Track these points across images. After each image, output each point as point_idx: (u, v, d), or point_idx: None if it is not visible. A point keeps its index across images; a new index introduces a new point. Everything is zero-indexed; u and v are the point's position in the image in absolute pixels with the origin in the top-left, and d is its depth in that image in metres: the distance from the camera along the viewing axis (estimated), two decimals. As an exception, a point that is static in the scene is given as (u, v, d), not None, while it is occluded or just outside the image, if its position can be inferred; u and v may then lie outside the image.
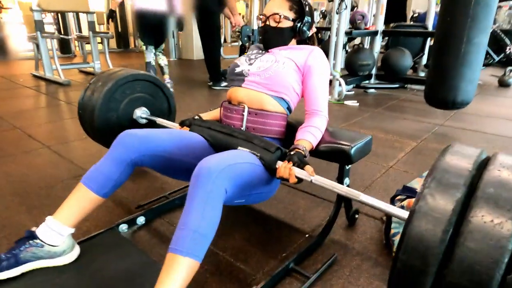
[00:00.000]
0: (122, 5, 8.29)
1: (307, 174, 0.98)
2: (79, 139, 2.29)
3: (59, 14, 6.89)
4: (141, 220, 1.34)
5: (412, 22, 6.29)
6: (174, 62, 6.43)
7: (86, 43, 5.61)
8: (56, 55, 4.30)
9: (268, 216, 1.44)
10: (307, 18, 1.24)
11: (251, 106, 1.19)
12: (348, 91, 3.78)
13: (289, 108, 1.25)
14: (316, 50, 1.24)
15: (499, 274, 0.50)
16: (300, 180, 0.99)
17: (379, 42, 3.98)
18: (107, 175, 1.03)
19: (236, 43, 4.80)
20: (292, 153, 1.03)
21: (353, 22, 4.27)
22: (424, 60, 4.59)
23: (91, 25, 4.56)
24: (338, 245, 1.25)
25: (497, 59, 5.34)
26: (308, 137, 1.12)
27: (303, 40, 1.30)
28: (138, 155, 1.04)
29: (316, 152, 1.17)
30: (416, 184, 1.39)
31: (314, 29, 1.30)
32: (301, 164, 1.00)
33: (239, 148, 1.07)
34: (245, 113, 1.18)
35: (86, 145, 2.20)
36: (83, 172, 0.95)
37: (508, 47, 5.52)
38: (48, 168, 1.84)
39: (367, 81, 3.96)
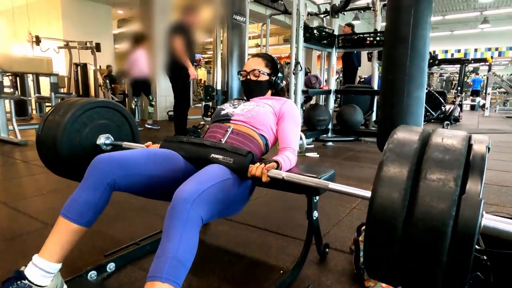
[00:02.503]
0: (84, 69, 8.44)
1: (278, 172, 1.04)
2: (38, 195, 2.20)
3: (17, 77, 6.83)
4: (111, 266, 1.29)
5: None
6: (137, 123, 6.44)
7: (47, 105, 5.56)
8: (14, 115, 4.19)
9: (243, 256, 1.45)
10: (280, 74, 1.47)
11: (236, 129, 1.31)
12: (308, 144, 4.01)
13: (267, 145, 1.37)
14: (289, 100, 1.46)
15: (451, 220, 0.62)
16: (272, 179, 1.04)
17: (332, 100, 4.37)
18: (85, 204, 1.02)
19: (199, 105, 5.24)
20: (264, 159, 1.13)
21: (307, 84, 4.69)
22: (374, 116, 5.05)
23: (54, 86, 4.57)
24: (312, 278, 1.28)
25: (435, 115, 6.00)
26: (278, 158, 1.20)
27: (276, 91, 1.51)
28: (113, 177, 1.03)
29: (286, 184, 1.24)
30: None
31: (285, 82, 1.53)
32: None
33: (212, 155, 1.12)
34: (229, 130, 1.29)
35: (46, 200, 2.11)
36: (43, 225, 0.91)
37: (443, 105, 6.26)
38: (6, 223, 1.73)
39: (325, 135, 4.24)
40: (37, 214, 1.86)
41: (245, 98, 1.53)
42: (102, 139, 1.51)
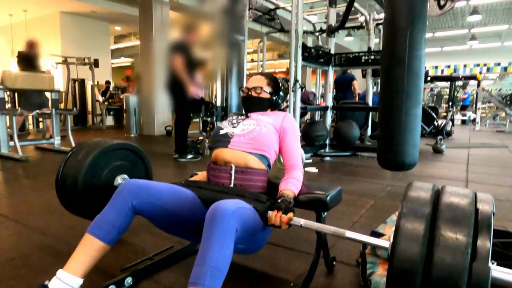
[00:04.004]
0: (82, 85, 8.50)
1: (297, 219, 1.11)
2: (47, 212, 2.23)
3: (15, 93, 6.85)
4: (128, 281, 1.34)
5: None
6: (135, 138, 6.51)
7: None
8: (16, 131, 4.22)
9: (252, 269, 1.51)
10: (281, 93, 1.53)
11: (237, 165, 1.34)
12: (307, 159, 4.09)
13: (269, 165, 1.43)
14: (289, 114, 1.51)
15: (466, 268, 0.70)
16: (290, 225, 1.12)
17: (330, 116, 4.49)
18: (111, 222, 1.10)
19: (196, 120, 5.25)
20: (279, 201, 1.19)
21: (305, 100, 4.81)
22: (369, 131, 5.17)
23: (55, 103, 4.63)
24: (322, 290, 1.34)
25: (428, 130, 6.14)
26: (291, 187, 1.29)
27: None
28: (138, 201, 1.12)
29: (296, 202, 1.32)
30: (382, 229, 1.57)
31: (286, 104, 1.58)
32: (287, 211, 1.15)
33: None
34: (233, 172, 1.33)
35: (55, 216, 2.15)
36: (58, 242, 0.98)
37: (435, 120, 6.41)
38: (19, 239, 1.77)
39: (322, 150, 4.34)
40: (49, 230, 1.90)
41: (243, 114, 1.55)
42: (119, 180, 1.59)
